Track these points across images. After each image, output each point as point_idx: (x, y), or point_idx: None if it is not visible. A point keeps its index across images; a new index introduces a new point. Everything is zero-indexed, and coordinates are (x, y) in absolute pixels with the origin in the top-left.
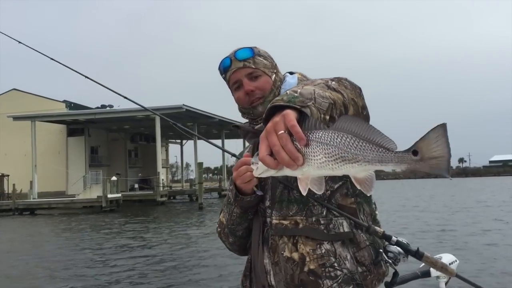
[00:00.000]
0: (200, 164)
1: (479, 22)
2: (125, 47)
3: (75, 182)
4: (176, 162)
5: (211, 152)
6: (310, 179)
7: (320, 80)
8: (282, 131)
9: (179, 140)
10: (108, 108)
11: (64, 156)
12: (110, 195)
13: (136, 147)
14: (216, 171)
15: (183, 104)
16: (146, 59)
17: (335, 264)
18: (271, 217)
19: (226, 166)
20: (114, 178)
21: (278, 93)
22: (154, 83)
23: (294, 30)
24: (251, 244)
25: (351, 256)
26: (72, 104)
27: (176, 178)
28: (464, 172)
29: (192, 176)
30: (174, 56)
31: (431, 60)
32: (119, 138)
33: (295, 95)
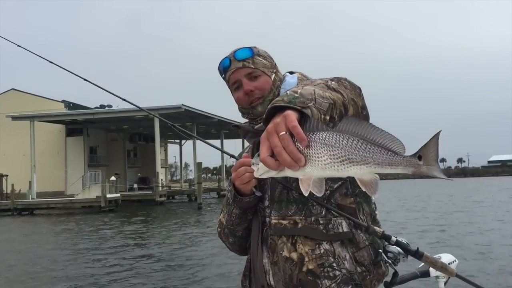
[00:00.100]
0: (199, 164)
1: (479, 22)
2: (124, 47)
3: (74, 182)
4: (175, 162)
5: (210, 152)
6: (312, 181)
7: (319, 80)
8: (283, 132)
9: (178, 140)
10: (107, 108)
11: (63, 156)
12: (109, 195)
13: (135, 147)
14: (215, 171)
15: (182, 104)
16: (145, 59)
17: (334, 264)
18: (270, 216)
19: (225, 166)
20: (113, 178)
21: (277, 93)
22: (154, 83)
23: (294, 30)
24: (250, 244)
25: (350, 256)
26: (71, 104)
27: (175, 178)
28: (463, 172)
29: (191, 176)
30: (173, 56)
31: (431, 60)
32: (118, 138)
33: (296, 96)
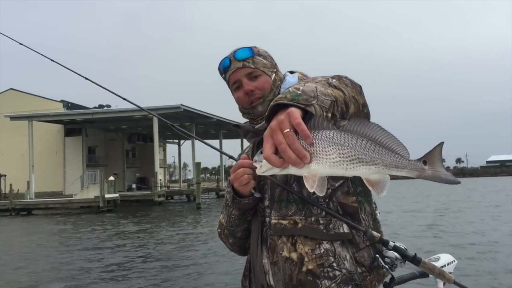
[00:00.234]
0: (198, 164)
1: (476, 22)
2: (124, 47)
3: (73, 182)
4: (174, 162)
5: (209, 152)
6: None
7: (321, 78)
8: (287, 129)
9: (177, 140)
10: (105, 108)
11: (62, 156)
12: (107, 195)
13: (134, 147)
14: (214, 171)
15: (181, 104)
16: (145, 59)
17: (334, 264)
18: (270, 217)
19: (224, 166)
20: (112, 178)
21: (278, 92)
22: (153, 83)
23: (292, 30)
24: (250, 244)
25: (350, 256)
26: (69, 104)
27: (173, 178)
28: (461, 172)
29: (190, 176)
30: (173, 56)
31: (430, 61)
32: (116, 138)
33: (298, 93)
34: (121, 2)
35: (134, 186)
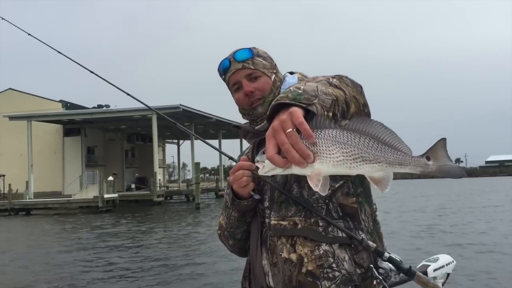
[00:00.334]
0: (197, 164)
1: (476, 23)
2: (123, 47)
3: (72, 182)
4: (173, 162)
5: (208, 152)
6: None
7: (321, 77)
8: (290, 129)
9: (176, 140)
10: (104, 108)
11: (61, 156)
12: (106, 195)
13: (133, 147)
14: (213, 171)
15: (180, 104)
16: (144, 59)
17: (333, 265)
18: (270, 217)
19: (223, 166)
20: (111, 178)
21: (278, 93)
22: (153, 83)
23: (290, 30)
24: (250, 245)
25: (349, 257)
26: (68, 104)
27: (173, 178)
28: None
29: (189, 176)
30: (172, 56)
31: (429, 61)
32: (115, 138)
33: (299, 92)
34: (119, 2)
35: (133, 186)
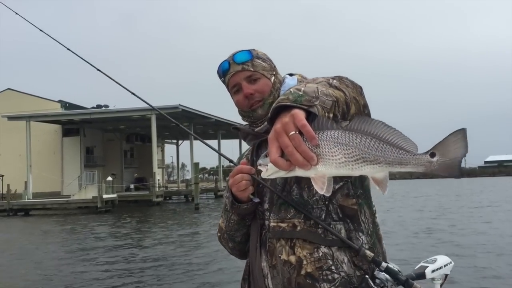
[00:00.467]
0: (196, 165)
1: (473, 23)
2: (123, 47)
3: (70, 182)
4: (172, 162)
5: (207, 153)
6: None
7: (321, 79)
8: (293, 131)
9: (175, 141)
10: (103, 108)
11: (59, 157)
12: (105, 196)
13: (132, 148)
14: (212, 172)
15: (179, 104)
16: (143, 59)
17: (332, 267)
18: (269, 219)
19: (222, 166)
20: (110, 179)
21: (277, 95)
22: (152, 83)
23: (289, 30)
24: (249, 247)
25: (348, 259)
26: (67, 104)
27: (172, 179)
28: None
29: (188, 176)
30: (171, 56)
31: (429, 62)
32: (114, 138)
33: (300, 94)
34: (118, 2)
35: (132, 186)
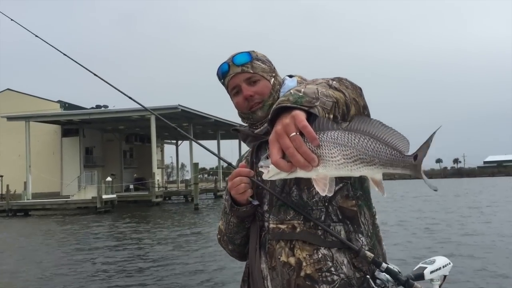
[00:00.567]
0: (195, 165)
1: (473, 23)
2: (122, 47)
3: (70, 183)
4: (172, 162)
5: (206, 153)
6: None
7: (321, 80)
8: (293, 133)
9: (175, 141)
10: (103, 108)
11: (59, 157)
12: (105, 196)
13: (131, 148)
14: (212, 172)
15: (179, 104)
16: (143, 59)
17: (332, 268)
18: (269, 221)
19: (222, 167)
20: (109, 179)
21: (277, 97)
22: (151, 83)
23: (289, 31)
24: (249, 249)
25: (348, 261)
26: (66, 105)
27: (171, 179)
28: (459, 172)
29: (188, 176)
30: (170, 56)
31: (429, 62)
32: (114, 139)
33: (300, 95)
34: (118, 2)
35: (131, 186)
